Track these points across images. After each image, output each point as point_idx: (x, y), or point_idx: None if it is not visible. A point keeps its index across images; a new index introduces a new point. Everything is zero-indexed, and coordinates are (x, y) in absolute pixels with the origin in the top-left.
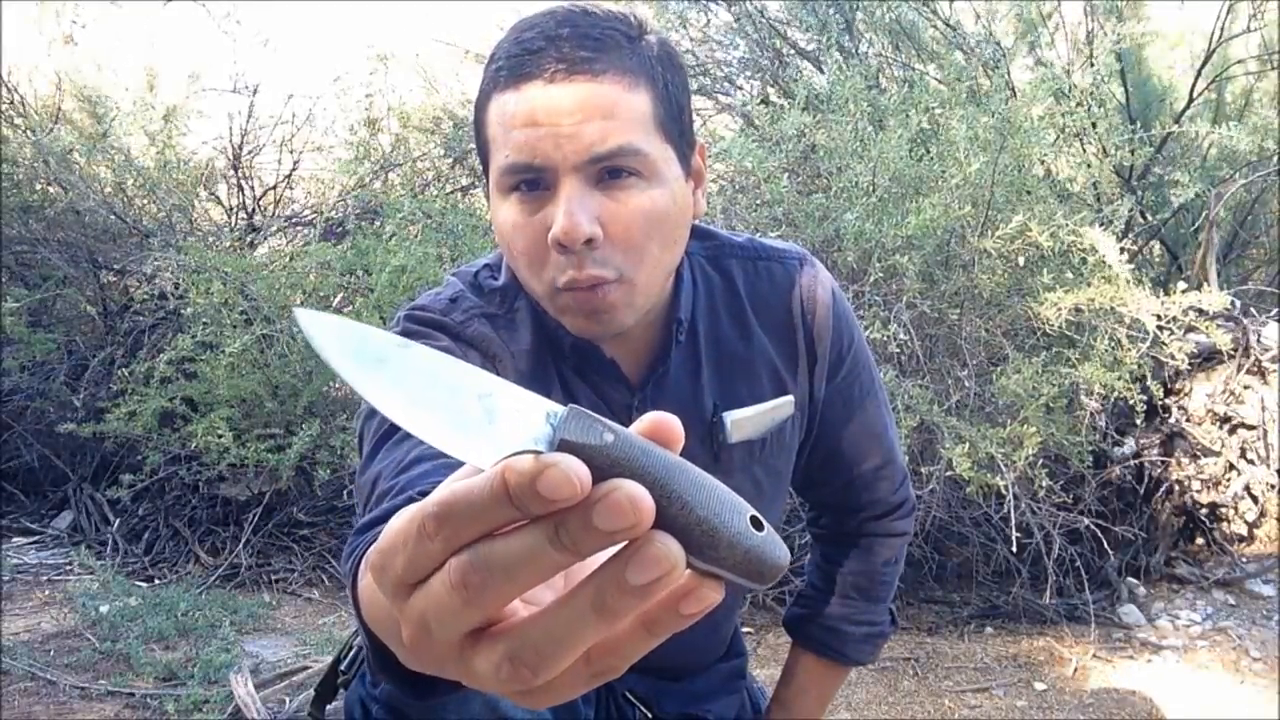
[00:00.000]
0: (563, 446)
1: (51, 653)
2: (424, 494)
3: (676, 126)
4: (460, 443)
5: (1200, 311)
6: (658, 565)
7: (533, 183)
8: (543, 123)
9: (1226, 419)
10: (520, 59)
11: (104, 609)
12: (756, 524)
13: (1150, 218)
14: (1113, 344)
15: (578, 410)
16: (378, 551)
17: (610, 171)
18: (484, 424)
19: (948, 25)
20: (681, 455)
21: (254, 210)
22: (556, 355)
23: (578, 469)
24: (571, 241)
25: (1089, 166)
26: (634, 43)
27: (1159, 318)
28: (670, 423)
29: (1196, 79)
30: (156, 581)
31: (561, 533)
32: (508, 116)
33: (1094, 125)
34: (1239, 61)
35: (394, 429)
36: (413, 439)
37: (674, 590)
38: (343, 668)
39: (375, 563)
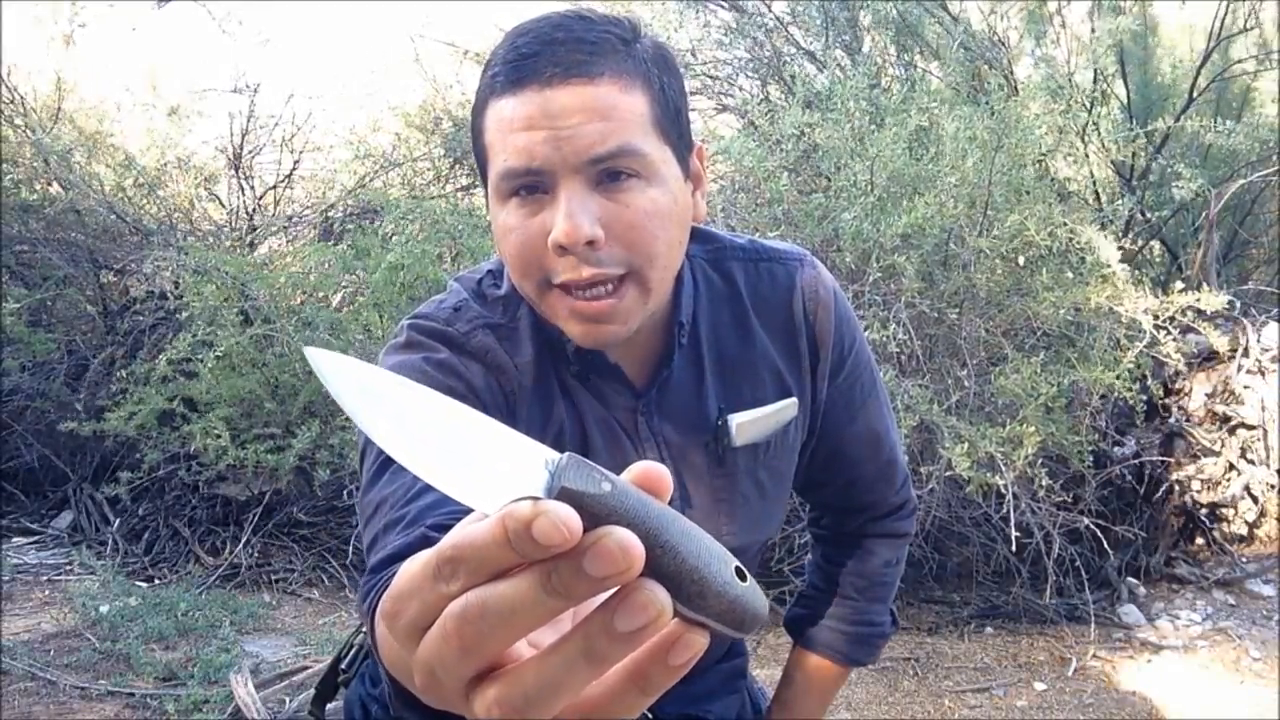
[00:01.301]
0: (562, 494)
1: (51, 653)
2: (436, 528)
3: (674, 128)
4: (463, 489)
5: (1199, 312)
6: (644, 612)
7: (532, 187)
8: (540, 126)
9: (1226, 419)
10: (516, 64)
11: (104, 609)
12: (740, 575)
13: (1150, 217)
14: (1111, 343)
15: (576, 459)
16: (390, 599)
17: (609, 174)
18: (486, 470)
19: (953, 19)
20: (686, 460)
21: (254, 210)
22: (559, 361)
23: (567, 517)
24: (573, 243)
25: (1088, 163)
26: (629, 46)
27: (1156, 317)
28: (660, 473)
29: (1196, 77)
30: (156, 581)
31: (554, 578)
32: (505, 121)
33: (1095, 124)
34: (1238, 61)
35: None
36: None
37: (661, 640)
38: (343, 667)
39: (388, 610)
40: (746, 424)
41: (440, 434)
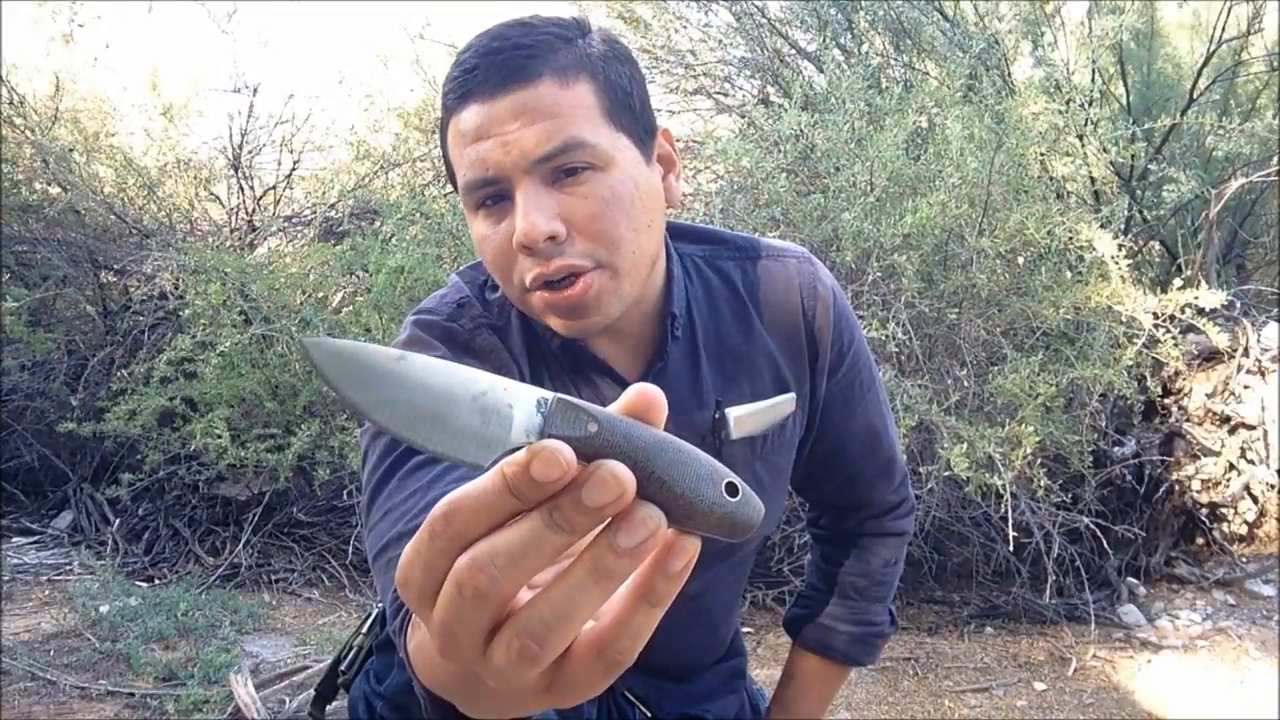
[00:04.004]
0: (551, 436)
1: (51, 653)
2: None
3: (628, 114)
4: (459, 450)
5: (1199, 310)
6: (644, 526)
7: (495, 197)
8: (488, 135)
9: (1226, 419)
10: (461, 80)
11: (104, 609)
12: (732, 490)
13: (1148, 217)
14: (1110, 342)
15: (563, 402)
16: (401, 568)
17: (565, 170)
18: (480, 426)
19: (948, 21)
20: None
21: (254, 210)
22: (548, 360)
23: (563, 451)
24: (533, 241)
25: (1086, 164)
26: (570, 43)
27: (1155, 316)
28: (650, 396)
29: (1197, 79)
30: (156, 581)
31: (556, 515)
32: (459, 136)
33: (1094, 124)
34: (1241, 63)
35: (405, 454)
36: (426, 467)
37: (658, 552)
38: (343, 668)
39: (400, 579)
40: (744, 417)
41: (433, 398)
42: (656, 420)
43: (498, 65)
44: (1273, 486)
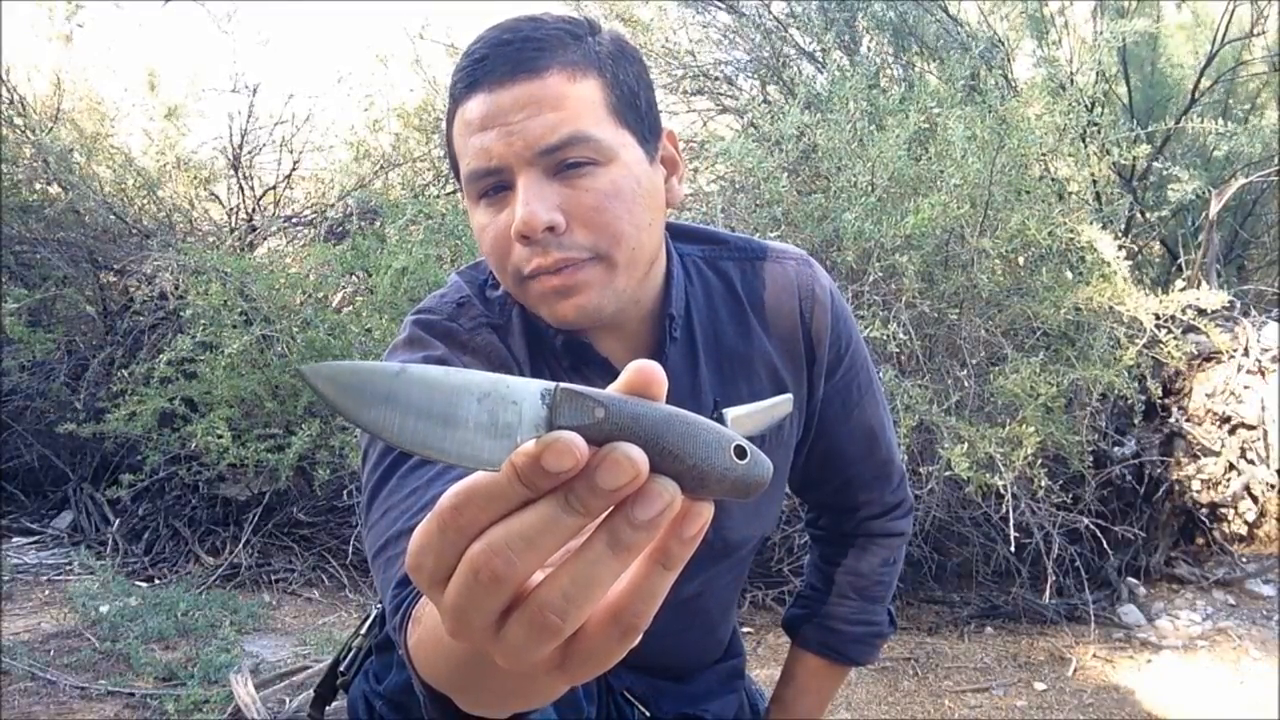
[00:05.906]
0: (560, 428)
1: (51, 653)
2: None
3: (633, 113)
4: (472, 456)
5: (1200, 311)
6: (660, 499)
7: (497, 186)
8: (493, 125)
9: (1226, 419)
10: (469, 70)
11: (104, 609)
12: (740, 452)
13: (1149, 217)
14: (1111, 342)
15: (568, 391)
16: (411, 555)
17: (568, 164)
18: (489, 428)
19: (951, 19)
20: None
21: (254, 210)
22: (550, 358)
23: (574, 441)
24: (531, 230)
25: (1088, 165)
26: (580, 40)
27: (1157, 317)
28: (650, 372)
29: (1199, 79)
30: (156, 581)
31: (571, 499)
32: (464, 125)
33: (1095, 125)
34: (1243, 63)
35: (406, 453)
36: (425, 465)
37: (673, 518)
38: (342, 668)
39: (411, 565)
40: (742, 418)
41: (438, 410)
42: (658, 395)
43: (507, 56)
44: (1273, 486)
